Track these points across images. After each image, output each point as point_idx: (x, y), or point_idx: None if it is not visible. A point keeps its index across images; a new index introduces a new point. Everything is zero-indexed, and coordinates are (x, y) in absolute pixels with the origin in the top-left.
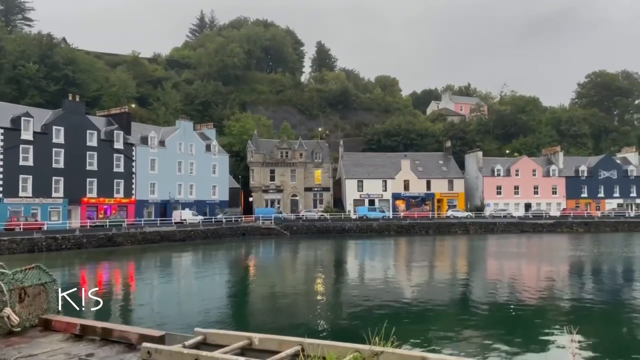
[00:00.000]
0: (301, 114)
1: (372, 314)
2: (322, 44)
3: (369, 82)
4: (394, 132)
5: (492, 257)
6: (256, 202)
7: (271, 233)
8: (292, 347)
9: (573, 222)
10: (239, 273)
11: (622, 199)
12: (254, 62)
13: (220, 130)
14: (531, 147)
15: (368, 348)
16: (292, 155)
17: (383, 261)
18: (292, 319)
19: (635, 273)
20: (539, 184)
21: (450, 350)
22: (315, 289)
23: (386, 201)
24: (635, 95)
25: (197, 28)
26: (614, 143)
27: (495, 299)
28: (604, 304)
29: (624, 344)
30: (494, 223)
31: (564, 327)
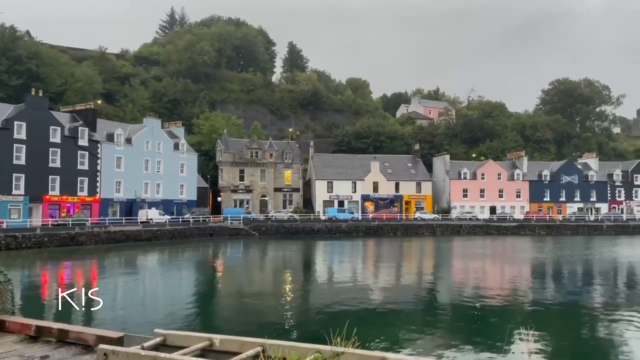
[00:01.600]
0: (272, 114)
1: (336, 315)
2: (294, 44)
3: (340, 84)
4: (364, 134)
5: (457, 259)
6: (225, 202)
7: (239, 233)
8: (253, 348)
9: (536, 225)
10: (205, 274)
11: (583, 203)
12: (225, 61)
13: (189, 129)
14: (497, 151)
15: (329, 349)
16: (262, 156)
17: (351, 262)
18: (255, 319)
19: (593, 275)
20: (503, 187)
21: (412, 350)
22: (282, 290)
23: (355, 202)
24: (596, 102)
25: (167, 25)
26: (575, 149)
27: (459, 300)
28: (563, 304)
29: (580, 344)
30: (460, 225)
31: (524, 327)
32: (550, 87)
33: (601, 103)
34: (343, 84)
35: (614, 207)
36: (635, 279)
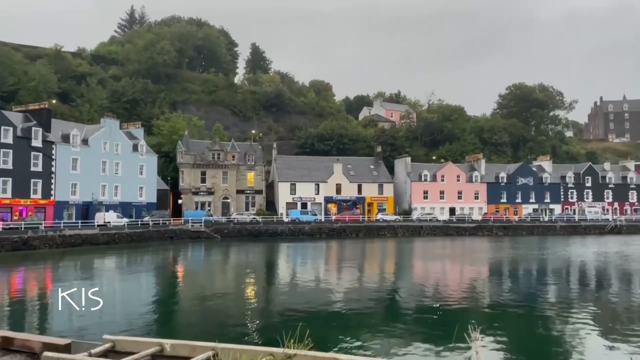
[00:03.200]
0: (234, 116)
1: (294, 317)
2: (257, 45)
3: (303, 86)
4: (327, 136)
5: (418, 260)
6: (186, 204)
7: (201, 236)
8: (204, 352)
9: (493, 225)
10: (163, 277)
11: (537, 205)
12: (186, 61)
13: (149, 130)
14: (456, 154)
15: (282, 351)
16: (224, 157)
17: (313, 264)
18: (211, 323)
19: (547, 274)
20: (462, 189)
21: (366, 351)
22: (241, 293)
23: (318, 204)
24: (550, 107)
25: (126, 23)
26: (530, 152)
27: (418, 300)
28: (518, 302)
29: (530, 340)
30: (420, 226)
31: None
32: (507, 91)
33: (555, 108)
34: (306, 86)
35: (567, 208)
36: (587, 277)
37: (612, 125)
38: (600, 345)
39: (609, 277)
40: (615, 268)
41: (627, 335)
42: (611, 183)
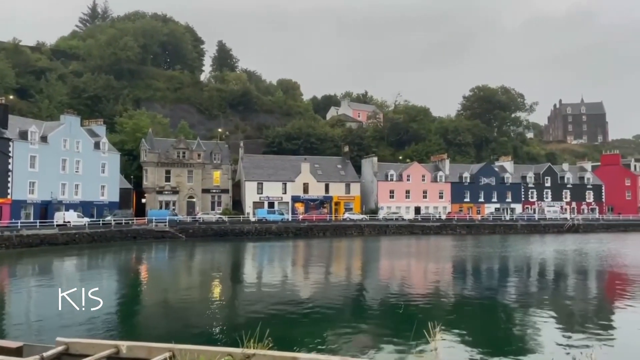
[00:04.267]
0: (200, 114)
1: (256, 317)
2: (224, 43)
3: (271, 85)
4: (295, 136)
5: (384, 258)
6: (149, 203)
7: (165, 236)
8: (161, 354)
9: (457, 224)
10: (125, 278)
11: (499, 204)
12: (150, 57)
13: (112, 127)
14: (421, 154)
15: (240, 351)
16: (189, 156)
17: (279, 263)
18: (170, 325)
19: (508, 271)
20: (427, 188)
21: (326, 349)
22: (204, 294)
23: (286, 204)
24: (512, 109)
25: (88, 18)
26: (493, 152)
27: (382, 298)
28: (479, 299)
29: (489, 335)
30: (386, 225)
31: (438, 321)
32: (471, 93)
33: (516, 109)
34: (274, 84)
35: (527, 208)
36: (547, 274)
37: (571, 127)
38: (556, 338)
39: (567, 274)
40: (574, 265)
41: (581, 328)
42: (569, 183)
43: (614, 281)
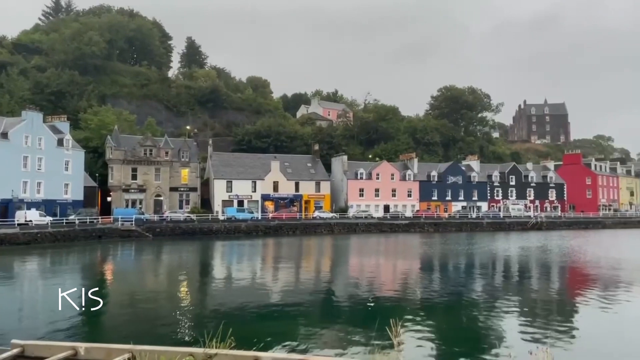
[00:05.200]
0: (168, 111)
1: (222, 317)
2: (192, 39)
3: (241, 82)
4: (265, 134)
5: (353, 256)
6: (115, 202)
7: (131, 235)
8: (120, 355)
9: (425, 222)
10: (89, 278)
11: (466, 202)
12: (116, 53)
13: (76, 124)
14: (390, 152)
15: (202, 351)
16: (156, 153)
17: (248, 262)
18: (131, 326)
19: (474, 268)
20: (396, 187)
21: (289, 347)
22: (170, 294)
23: (255, 202)
24: (479, 109)
25: (52, 11)
26: (460, 151)
27: (350, 296)
28: (446, 295)
29: (454, 331)
30: (356, 223)
31: (407, 317)
32: (439, 93)
33: (483, 110)
34: (244, 82)
35: (493, 206)
36: (511, 270)
37: (535, 127)
38: (517, 333)
39: (531, 270)
40: (537, 262)
41: (542, 323)
42: (533, 182)
43: (575, 277)
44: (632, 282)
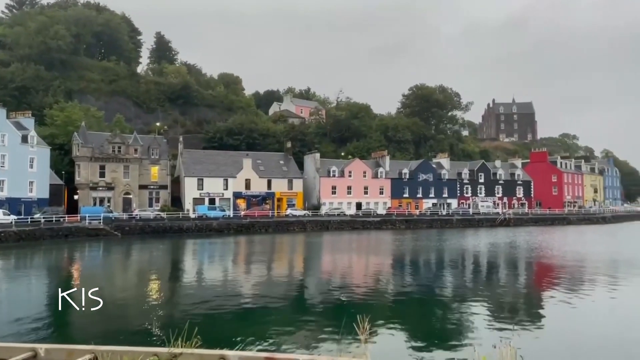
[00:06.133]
0: (137, 107)
1: (188, 316)
2: (162, 35)
3: (212, 79)
4: (236, 131)
5: (326, 253)
6: (82, 200)
7: (99, 234)
8: (82, 356)
9: (396, 219)
10: (55, 279)
11: (436, 199)
12: (84, 48)
13: (41, 120)
14: (363, 150)
15: (167, 350)
16: (125, 151)
17: (219, 261)
18: (95, 326)
19: (445, 264)
20: (368, 184)
21: (258, 345)
22: (138, 293)
23: (227, 200)
24: (449, 107)
25: (15, 4)
26: (431, 149)
27: (322, 293)
28: (417, 290)
29: (423, 326)
30: (329, 221)
31: (376, 314)
32: (410, 92)
33: (453, 108)
34: (215, 79)
35: (462, 203)
36: (480, 266)
37: (503, 126)
38: (484, 328)
39: (500, 266)
40: (505, 257)
41: (509, 317)
42: (501, 179)
43: (542, 272)
44: (595, 277)
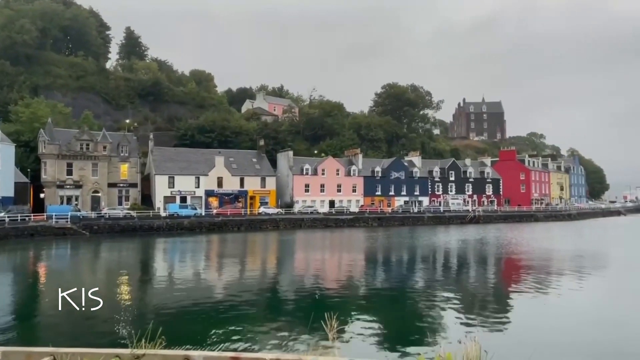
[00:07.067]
0: (106, 104)
1: (154, 316)
2: (132, 30)
3: (183, 75)
4: (209, 129)
5: (299, 251)
6: (49, 198)
7: (67, 233)
8: (41, 358)
9: (369, 217)
10: (19, 279)
11: (408, 197)
12: (50, 42)
13: (6, 117)
14: (336, 148)
15: (129, 352)
16: (94, 148)
17: (191, 259)
18: (57, 328)
19: (416, 260)
20: (341, 182)
21: (225, 345)
22: (104, 293)
23: (199, 198)
24: (420, 106)
25: None
26: (403, 147)
27: (294, 291)
28: (389, 287)
29: (388, 325)
30: (302, 219)
31: (346, 311)
32: (382, 90)
33: (424, 107)
34: (186, 75)
35: (434, 200)
36: (450, 262)
37: (473, 125)
38: (451, 324)
39: (470, 262)
40: (475, 253)
41: (478, 313)
42: (471, 177)
43: (510, 268)
44: (561, 272)
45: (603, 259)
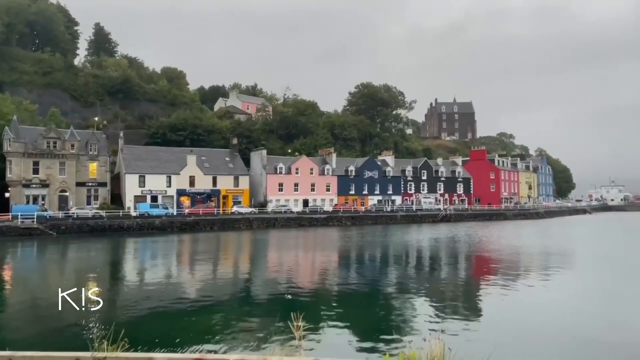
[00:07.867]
0: (74, 101)
1: (119, 318)
2: (101, 26)
3: (154, 73)
4: (180, 127)
5: (272, 251)
6: (14, 198)
7: (33, 233)
8: None
9: (342, 216)
10: None
11: (381, 196)
12: (16, 37)
13: None
14: (309, 147)
15: (90, 355)
16: (61, 146)
17: (161, 260)
18: (16, 331)
19: (389, 258)
20: (315, 181)
21: (192, 346)
22: (68, 295)
23: (170, 197)
24: (393, 106)
25: None
26: (376, 147)
27: (266, 291)
28: (361, 285)
29: (358, 324)
30: (275, 218)
31: (318, 310)
32: (356, 90)
33: (397, 107)
34: (158, 73)
35: (406, 199)
36: (422, 260)
37: (445, 125)
38: (419, 322)
39: (441, 260)
40: (447, 251)
41: (446, 312)
42: (443, 176)
43: (480, 265)
44: (529, 269)
45: (570, 255)
